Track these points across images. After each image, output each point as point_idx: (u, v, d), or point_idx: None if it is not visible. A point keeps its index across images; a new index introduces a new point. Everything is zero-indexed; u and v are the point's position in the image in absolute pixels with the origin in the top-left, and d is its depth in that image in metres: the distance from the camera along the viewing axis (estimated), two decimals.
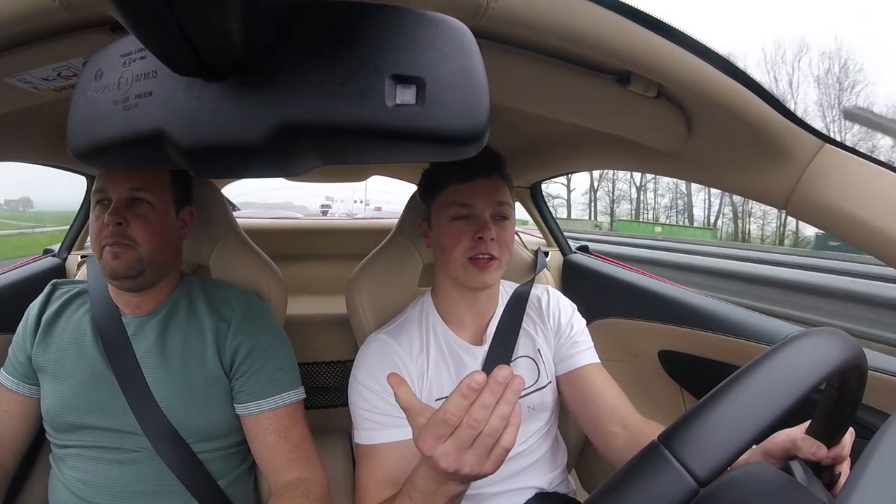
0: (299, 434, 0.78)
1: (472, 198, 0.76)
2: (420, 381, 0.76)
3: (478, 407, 0.44)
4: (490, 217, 0.76)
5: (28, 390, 0.75)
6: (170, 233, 0.78)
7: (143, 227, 0.72)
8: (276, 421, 0.76)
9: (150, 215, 0.74)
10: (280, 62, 0.26)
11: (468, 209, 0.76)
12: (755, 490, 0.38)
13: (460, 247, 0.75)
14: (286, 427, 0.76)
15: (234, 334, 0.76)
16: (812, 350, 0.37)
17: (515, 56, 0.50)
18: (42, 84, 0.53)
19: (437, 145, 0.26)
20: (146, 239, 0.72)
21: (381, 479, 0.68)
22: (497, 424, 0.44)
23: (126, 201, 0.72)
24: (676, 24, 0.44)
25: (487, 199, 0.76)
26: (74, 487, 0.70)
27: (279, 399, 0.77)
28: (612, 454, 0.73)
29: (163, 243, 0.75)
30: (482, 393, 0.44)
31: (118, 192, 0.72)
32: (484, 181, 0.77)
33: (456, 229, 0.76)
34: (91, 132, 0.30)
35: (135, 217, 0.72)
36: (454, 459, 0.45)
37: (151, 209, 0.74)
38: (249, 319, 0.79)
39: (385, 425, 0.71)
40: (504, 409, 0.44)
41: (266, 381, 0.77)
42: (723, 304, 0.97)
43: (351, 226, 1.76)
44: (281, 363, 0.79)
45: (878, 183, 0.53)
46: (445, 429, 0.45)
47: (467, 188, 0.76)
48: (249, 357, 0.77)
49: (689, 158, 0.68)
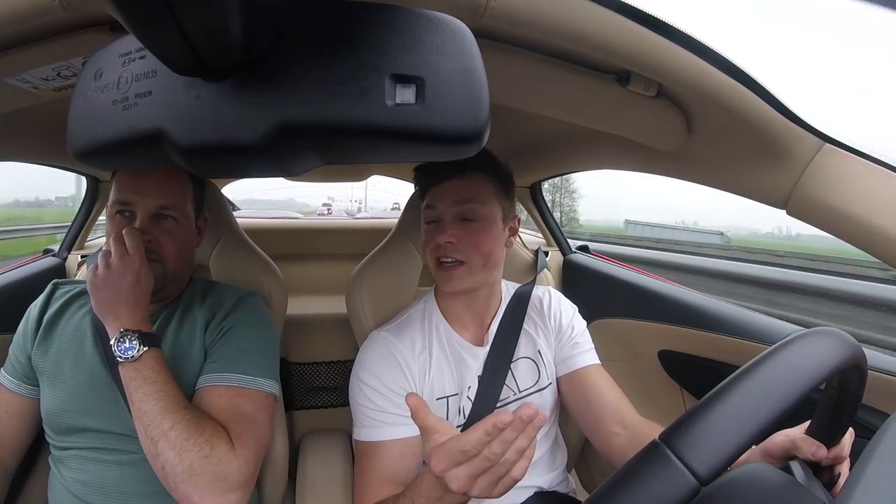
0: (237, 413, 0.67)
1: (437, 199, 0.75)
2: (421, 379, 0.76)
3: (498, 442, 0.44)
4: (451, 219, 0.73)
5: (28, 391, 0.75)
6: (192, 244, 0.78)
7: (170, 242, 0.73)
8: (215, 397, 0.67)
9: (176, 230, 0.74)
10: (280, 62, 0.26)
11: (434, 211, 0.75)
12: (755, 490, 0.38)
13: (428, 251, 0.76)
14: (222, 405, 0.67)
15: (217, 323, 0.76)
16: (812, 350, 0.37)
17: (515, 55, 0.50)
18: (42, 84, 0.53)
19: (437, 145, 0.26)
20: (172, 254, 0.73)
21: (381, 477, 0.68)
22: (512, 457, 0.45)
23: (152, 216, 0.72)
24: (676, 23, 0.44)
25: (448, 200, 0.74)
26: (74, 488, 0.70)
27: (229, 379, 0.69)
28: (613, 454, 0.73)
29: (186, 256, 0.76)
30: (505, 430, 0.44)
31: (145, 207, 0.71)
32: (456, 180, 0.74)
33: (427, 232, 0.77)
34: (91, 132, 0.31)
35: (161, 232, 0.72)
36: (465, 484, 0.46)
37: (176, 224, 0.74)
38: (235, 310, 0.78)
39: (386, 423, 0.71)
40: (522, 443, 0.45)
41: (221, 357, 0.71)
42: (723, 304, 0.97)
43: (351, 226, 1.76)
44: (251, 347, 0.74)
45: (878, 183, 0.53)
46: (462, 457, 0.46)
47: (438, 190, 0.75)
48: (224, 336, 0.74)
49: (688, 158, 0.68)
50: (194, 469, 0.59)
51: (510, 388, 0.79)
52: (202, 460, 0.59)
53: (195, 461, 0.59)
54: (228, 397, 0.68)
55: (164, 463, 0.59)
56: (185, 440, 0.60)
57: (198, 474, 0.59)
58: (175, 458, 0.59)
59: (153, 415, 0.60)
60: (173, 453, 0.59)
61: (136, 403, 0.61)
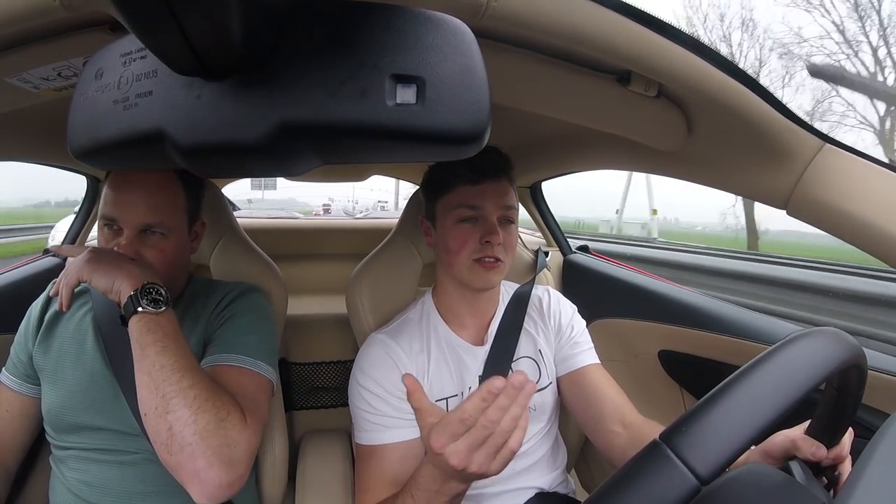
0: (236, 388, 0.65)
1: (480, 200, 0.75)
2: (420, 381, 0.76)
3: (494, 408, 0.46)
4: (497, 220, 0.76)
5: (29, 390, 0.75)
6: (181, 255, 0.78)
7: (157, 258, 0.72)
8: (217, 375, 0.66)
9: (163, 245, 0.73)
10: (280, 62, 0.26)
11: (476, 211, 0.76)
12: (755, 490, 0.38)
13: (467, 249, 0.75)
14: (221, 381, 0.65)
15: (218, 312, 0.76)
16: (812, 350, 0.37)
17: (516, 55, 0.50)
18: (42, 84, 0.53)
19: (438, 145, 0.26)
20: (159, 268, 0.72)
21: (383, 479, 0.68)
22: (508, 426, 0.46)
23: (138, 233, 0.71)
24: (676, 24, 0.44)
25: (496, 203, 0.76)
26: (75, 488, 0.70)
27: (228, 359, 0.69)
28: (613, 454, 0.74)
29: (174, 267, 0.75)
30: (499, 396, 0.46)
31: (131, 225, 0.71)
32: (492, 183, 0.76)
33: (463, 231, 0.76)
34: (91, 132, 0.31)
35: (148, 248, 0.72)
36: (464, 458, 0.46)
37: (164, 239, 0.73)
38: (236, 301, 0.78)
39: (386, 427, 0.71)
40: (515, 411, 0.46)
41: (223, 340, 0.72)
42: (723, 304, 0.97)
43: (351, 226, 1.76)
44: (250, 333, 0.74)
45: (878, 183, 0.53)
46: (461, 427, 0.47)
47: (476, 190, 0.76)
48: (223, 325, 0.74)
49: (689, 158, 0.68)
50: (207, 431, 0.56)
51: None
52: (217, 424, 0.57)
53: (210, 424, 0.56)
54: (232, 376, 0.67)
55: (174, 422, 0.55)
56: (205, 401, 0.57)
57: (209, 437, 0.56)
58: (189, 416, 0.56)
59: (172, 370, 0.57)
60: (188, 412, 0.56)
61: (150, 357, 0.58)
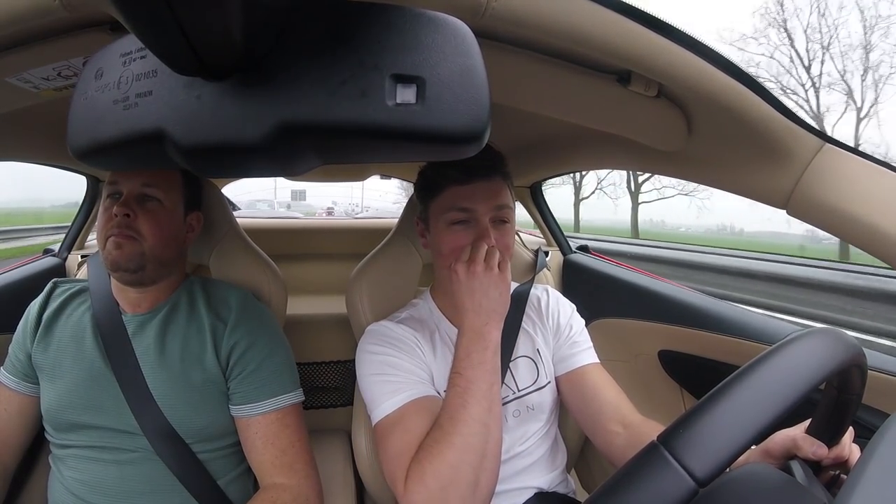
0: (288, 440, 0.76)
1: (471, 202, 0.73)
2: (425, 370, 0.75)
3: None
4: (490, 222, 0.73)
5: (28, 389, 0.75)
6: (175, 231, 0.78)
7: (150, 222, 0.73)
8: (265, 426, 0.75)
9: (159, 211, 0.75)
10: (280, 62, 0.26)
11: (467, 214, 0.73)
12: (755, 490, 0.38)
13: (459, 254, 0.74)
14: (274, 433, 0.75)
15: (230, 333, 0.76)
16: (812, 350, 0.37)
17: (516, 55, 0.50)
18: (42, 84, 0.53)
19: (438, 144, 0.26)
20: (151, 234, 0.73)
21: (416, 435, 0.63)
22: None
23: (137, 196, 0.74)
24: (677, 23, 0.44)
25: (487, 204, 0.73)
26: (74, 488, 0.70)
27: (270, 403, 0.76)
28: (613, 454, 0.73)
29: (167, 241, 0.76)
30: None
31: (129, 186, 0.74)
32: (483, 183, 0.74)
33: (455, 234, 0.74)
34: (91, 131, 0.31)
35: (143, 212, 0.73)
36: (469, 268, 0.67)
37: (160, 206, 0.75)
38: (246, 319, 0.79)
39: (409, 383, 0.69)
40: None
41: (259, 384, 0.76)
42: (723, 303, 0.97)
43: (351, 226, 1.76)
44: (276, 365, 0.78)
45: (878, 183, 0.53)
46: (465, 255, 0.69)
47: (466, 191, 0.73)
48: (244, 357, 0.76)
49: (689, 158, 0.68)
50: None
51: (509, 387, 0.79)
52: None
53: None
54: (269, 423, 0.76)
55: None
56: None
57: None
58: None
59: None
60: None
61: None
